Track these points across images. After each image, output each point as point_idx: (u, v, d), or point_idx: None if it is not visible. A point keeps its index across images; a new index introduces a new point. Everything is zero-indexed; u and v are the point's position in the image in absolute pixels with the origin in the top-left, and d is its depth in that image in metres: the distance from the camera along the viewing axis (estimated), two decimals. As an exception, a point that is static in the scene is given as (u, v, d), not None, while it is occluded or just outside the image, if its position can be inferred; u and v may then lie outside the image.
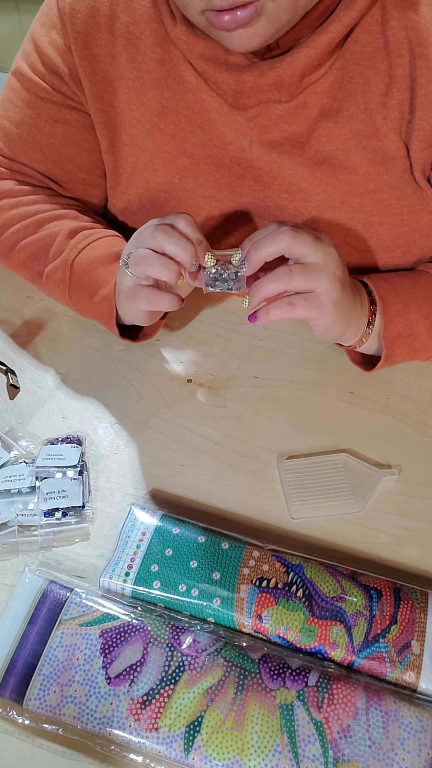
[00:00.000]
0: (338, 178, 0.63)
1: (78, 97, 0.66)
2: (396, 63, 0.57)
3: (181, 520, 0.57)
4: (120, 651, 0.48)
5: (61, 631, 0.49)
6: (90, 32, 0.62)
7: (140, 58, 0.62)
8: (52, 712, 0.47)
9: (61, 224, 0.68)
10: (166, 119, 0.64)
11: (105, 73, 0.63)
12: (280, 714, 0.45)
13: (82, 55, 0.63)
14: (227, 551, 0.54)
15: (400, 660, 0.48)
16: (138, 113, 0.64)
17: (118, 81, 0.63)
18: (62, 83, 0.65)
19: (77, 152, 0.69)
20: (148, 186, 0.68)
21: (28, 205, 0.70)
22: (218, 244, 0.70)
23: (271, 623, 0.50)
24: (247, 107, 0.61)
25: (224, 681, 0.47)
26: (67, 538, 0.58)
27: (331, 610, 0.50)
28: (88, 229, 0.67)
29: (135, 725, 0.46)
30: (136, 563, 0.54)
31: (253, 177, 0.65)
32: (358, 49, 0.58)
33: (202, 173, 0.66)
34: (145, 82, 0.63)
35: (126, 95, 0.64)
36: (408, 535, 0.58)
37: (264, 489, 0.61)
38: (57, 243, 0.66)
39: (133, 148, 0.66)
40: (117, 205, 0.72)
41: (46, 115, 0.67)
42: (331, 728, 0.45)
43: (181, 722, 0.45)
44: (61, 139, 0.68)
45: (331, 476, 0.61)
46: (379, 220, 0.65)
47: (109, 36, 0.62)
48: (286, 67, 0.56)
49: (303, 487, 0.60)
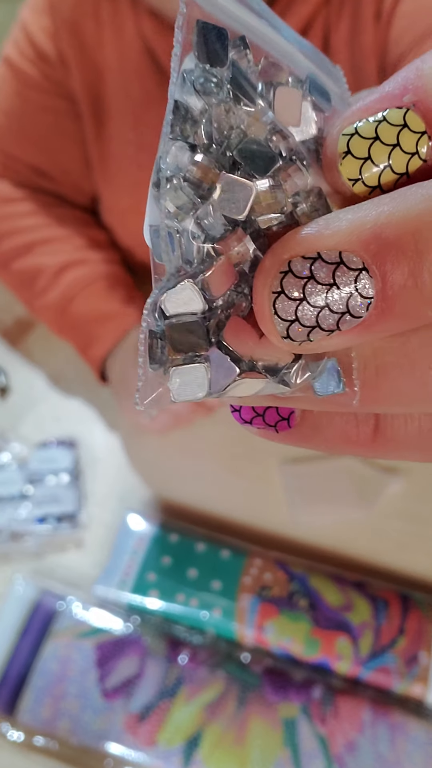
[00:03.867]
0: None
1: (66, 83, 0.65)
2: (363, 66, 0.56)
3: (179, 526, 0.56)
4: (116, 663, 0.48)
5: (54, 643, 0.49)
6: (77, 20, 0.62)
7: (126, 48, 0.62)
8: (45, 725, 0.46)
9: (50, 251, 0.67)
10: (150, 111, 0.63)
11: (93, 61, 0.63)
12: (283, 728, 0.45)
13: (70, 44, 0.62)
14: (228, 559, 0.53)
15: (407, 672, 0.47)
16: (122, 105, 0.64)
17: (105, 71, 0.63)
18: (51, 69, 0.64)
19: (66, 143, 0.68)
20: (135, 182, 0.67)
21: (22, 217, 0.69)
22: None
23: (274, 634, 0.49)
24: None
25: (225, 695, 0.47)
26: (60, 546, 0.57)
27: (336, 620, 0.50)
28: (78, 264, 0.67)
29: (132, 739, 0.45)
30: (132, 572, 0.53)
31: None
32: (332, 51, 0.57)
33: None
34: (128, 72, 0.62)
35: (112, 86, 0.64)
36: (415, 542, 0.57)
37: (266, 494, 0.60)
38: (45, 277, 0.66)
39: (118, 141, 0.66)
40: (106, 203, 0.71)
41: (35, 104, 0.67)
42: (335, 742, 0.45)
43: (180, 737, 0.45)
44: (50, 129, 0.68)
45: (336, 481, 0.60)
46: None
47: (95, 24, 0.61)
48: None
49: (307, 492, 0.59)
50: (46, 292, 0.66)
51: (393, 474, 0.60)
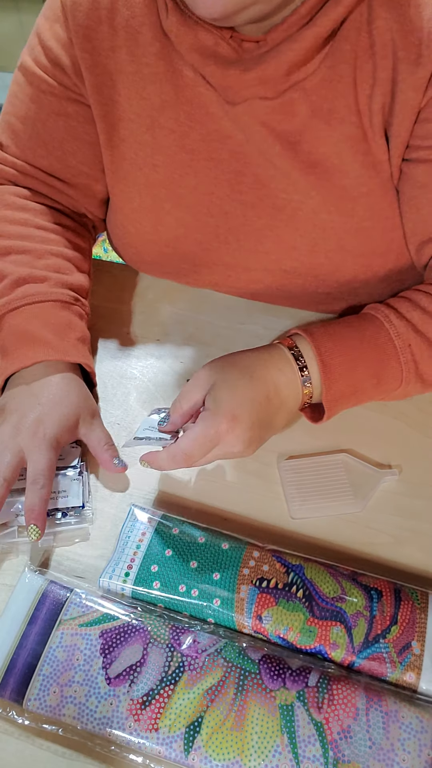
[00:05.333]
0: (332, 182, 0.63)
1: (79, 89, 0.66)
2: (380, 65, 0.56)
3: (180, 520, 0.57)
4: (120, 651, 0.48)
5: (60, 632, 0.49)
6: (91, 25, 0.62)
7: (140, 52, 0.62)
8: (51, 712, 0.47)
9: (21, 262, 0.67)
10: (165, 114, 0.64)
11: (105, 66, 0.63)
12: (280, 714, 0.45)
13: (83, 48, 0.63)
14: (227, 551, 0.54)
15: (400, 660, 0.48)
16: (138, 108, 0.64)
17: (117, 75, 0.64)
18: (64, 75, 0.65)
19: (79, 146, 0.69)
20: (148, 182, 0.68)
21: (12, 224, 0.69)
22: (222, 240, 0.70)
23: (271, 624, 0.50)
24: (236, 103, 0.61)
25: (224, 681, 0.47)
26: (67, 539, 0.58)
27: (331, 610, 0.50)
28: (37, 281, 0.66)
29: (135, 726, 0.46)
30: (135, 564, 0.54)
31: (252, 174, 0.65)
32: (347, 47, 0.57)
33: (202, 169, 0.66)
34: (144, 76, 0.63)
35: (126, 90, 0.64)
36: (408, 536, 0.58)
37: (264, 489, 0.61)
38: (5, 282, 0.65)
39: (131, 143, 0.66)
40: (117, 203, 0.72)
41: (48, 108, 0.67)
42: (331, 729, 0.45)
43: (181, 723, 0.46)
44: (63, 133, 0.68)
45: (331, 476, 0.61)
46: (372, 224, 0.65)
47: (109, 29, 0.62)
48: (270, 61, 0.56)
49: (303, 487, 0.60)
50: (1, 296, 0.65)
51: (387, 470, 0.61)
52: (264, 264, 0.70)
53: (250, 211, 0.67)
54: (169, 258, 0.73)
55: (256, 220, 0.67)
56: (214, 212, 0.68)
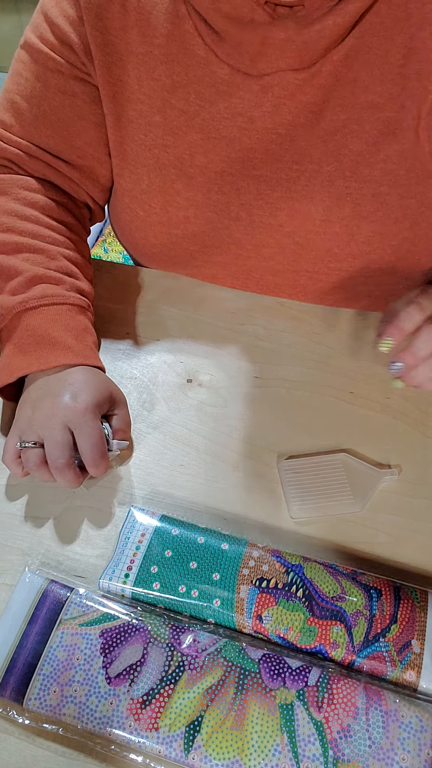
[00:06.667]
0: (349, 148, 0.63)
1: (87, 69, 0.65)
2: (417, 35, 0.57)
3: (180, 520, 0.57)
4: (120, 651, 0.48)
5: (61, 631, 0.50)
6: (102, 4, 0.62)
7: (151, 33, 0.62)
8: (52, 711, 0.47)
9: (32, 260, 0.66)
10: (176, 95, 0.64)
11: (115, 46, 0.63)
12: (280, 714, 0.45)
13: (94, 26, 0.62)
14: (227, 552, 0.54)
15: (400, 659, 0.48)
16: (148, 89, 0.64)
17: (128, 55, 0.63)
18: (72, 53, 0.65)
19: (85, 126, 0.68)
20: (158, 163, 0.68)
21: (23, 220, 0.69)
22: (233, 217, 0.69)
23: (272, 623, 0.50)
24: (263, 74, 0.60)
25: (224, 681, 0.47)
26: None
27: (331, 610, 0.50)
28: (52, 282, 0.66)
29: (135, 725, 0.46)
30: (135, 564, 0.54)
31: (265, 149, 0.65)
32: (377, 20, 0.58)
33: (213, 148, 0.65)
34: (155, 57, 0.63)
35: (135, 70, 0.64)
36: (408, 535, 0.58)
37: (264, 489, 0.61)
38: (20, 279, 0.65)
39: (140, 124, 0.66)
40: (124, 185, 0.72)
41: (54, 87, 0.67)
42: (331, 728, 0.45)
43: (181, 722, 0.46)
44: (69, 113, 0.68)
45: (331, 476, 0.61)
46: (388, 189, 0.65)
47: (121, 9, 0.62)
48: (314, 35, 0.56)
49: (303, 487, 0.60)
50: (15, 293, 0.65)
51: (387, 469, 0.61)
52: (277, 238, 0.70)
53: (263, 184, 0.67)
54: (178, 240, 0.73)
55: (270, 193, 0.67)
56: (225, 189, 0.68)
